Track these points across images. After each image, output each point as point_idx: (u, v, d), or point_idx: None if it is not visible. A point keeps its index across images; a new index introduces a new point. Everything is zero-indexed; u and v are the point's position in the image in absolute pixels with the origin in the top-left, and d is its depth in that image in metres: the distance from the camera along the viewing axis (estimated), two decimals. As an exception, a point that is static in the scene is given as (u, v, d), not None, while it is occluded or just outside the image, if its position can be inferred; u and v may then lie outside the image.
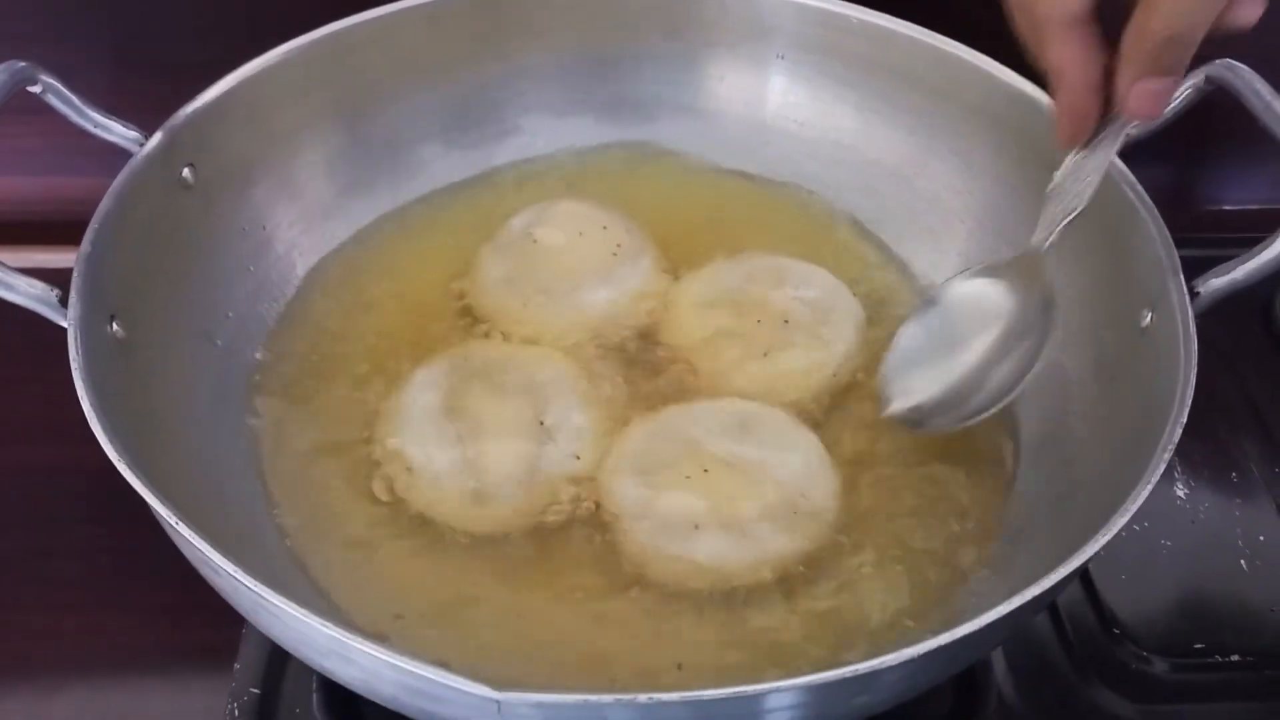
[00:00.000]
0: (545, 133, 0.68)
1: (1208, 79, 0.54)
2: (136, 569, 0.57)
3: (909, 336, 0.55)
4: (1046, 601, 0.42)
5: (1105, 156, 0.50)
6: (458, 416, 0.53)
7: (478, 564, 0.51)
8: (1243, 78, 0.53)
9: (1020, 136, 0.60)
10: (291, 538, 0.52)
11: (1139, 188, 0.54)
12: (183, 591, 0.44)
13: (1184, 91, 0.55)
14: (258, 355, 0.58)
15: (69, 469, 0.55)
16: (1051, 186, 0.52)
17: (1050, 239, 0.52)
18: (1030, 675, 0.55)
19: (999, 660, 0.55)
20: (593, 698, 0.35)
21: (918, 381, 0.54)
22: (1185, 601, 0.58)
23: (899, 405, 0.54)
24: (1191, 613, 0.58)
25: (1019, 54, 0.52)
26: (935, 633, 0.38)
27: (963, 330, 0.54)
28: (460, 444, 0.53)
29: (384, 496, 0.53)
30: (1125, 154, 0.56)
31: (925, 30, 0.63)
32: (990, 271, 0.55)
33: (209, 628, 0.52)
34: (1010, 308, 0.53)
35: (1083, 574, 0.58)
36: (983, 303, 0.54)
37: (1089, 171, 0.50)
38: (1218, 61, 0.54)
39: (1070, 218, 0.51)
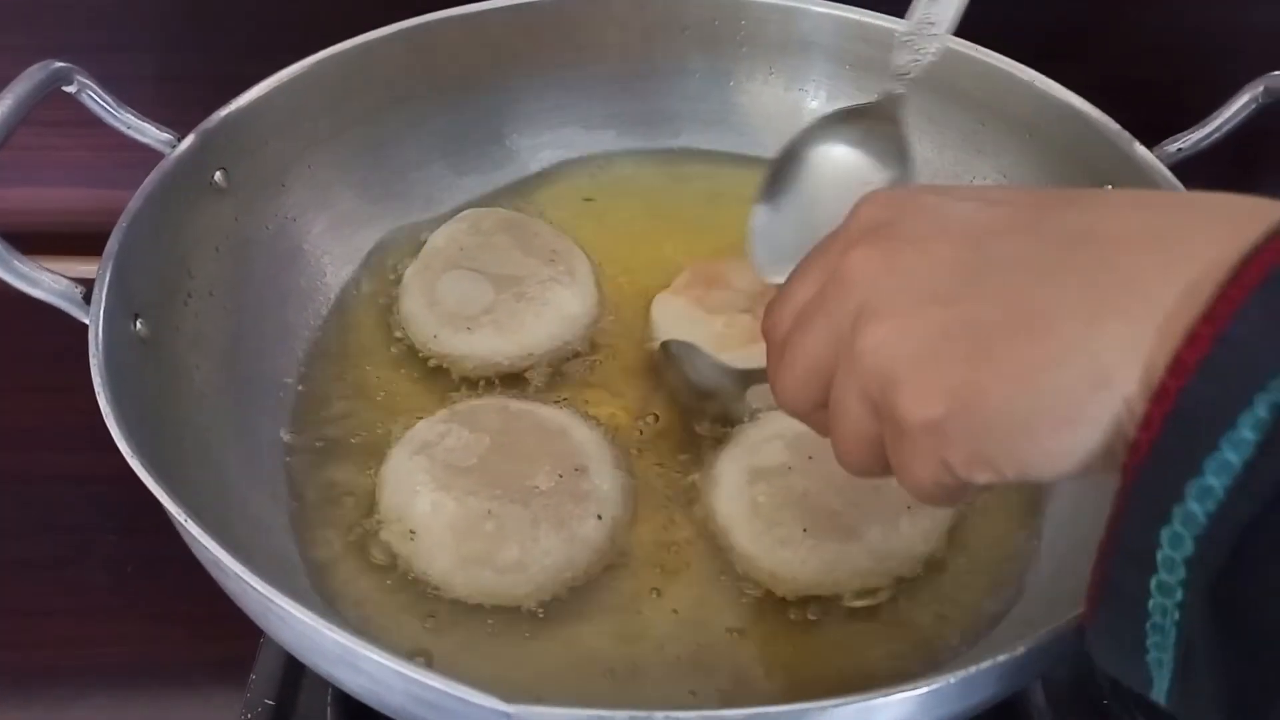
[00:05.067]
0: (580, 145, 0.67)
1: (1266, 90, 0.52)
2: (164, 578, 0.57)
3: (772, 210, 0.54)
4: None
5: None
6: (461, 475, 0.50)
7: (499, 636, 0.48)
8: (1303, 89, 0.51)
9: (1065, 151, 0.59)
10: (314, 567, 0.50)
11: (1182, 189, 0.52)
12: (210, 602, 0.43)
13: (1242, 103, 0.54)
14: (283, 364, 0.57)
15: (101, 478, 0.55)
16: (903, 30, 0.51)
17: (903, 80, 0.52)
18: (1070, 708, 0.53)
19: (1038, 693, 0.52)
20: (605, 713, 0.34)
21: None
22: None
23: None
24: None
25: (1065, 68, 0.51)
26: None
27: (827, 204, 0.50)
28: (466, 506, 0.49)
29: (383, 560, 0.50)
30: (1176, 172, 0.55)
31: (970, 44, 0.62)
32: (843, 129, 0.54)
33: (234, 639, 0.51)
34: (872, 174, 0.53)
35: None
36: (842, 170, 0.53)
37: None
38: (1276, 73, 0.52)
39: (928, 56, 0.51)
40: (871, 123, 0.53)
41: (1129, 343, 0.28)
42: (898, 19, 0.63)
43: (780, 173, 0.55)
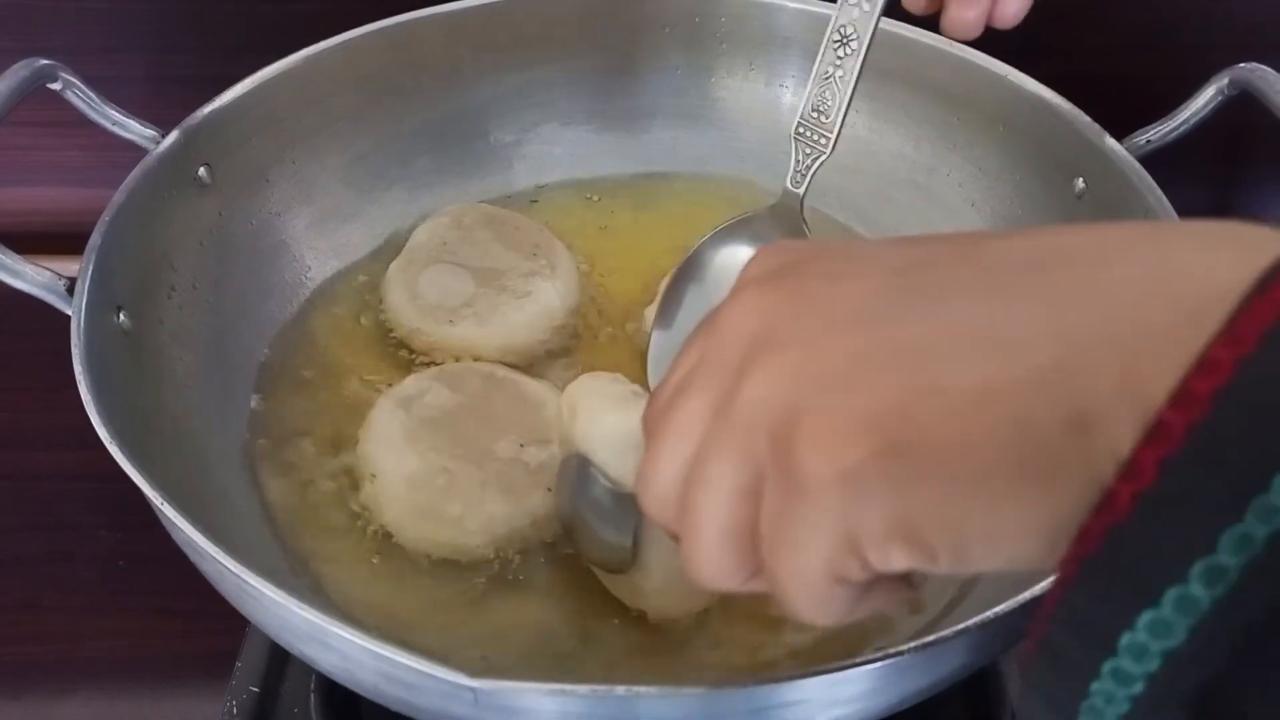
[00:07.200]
0: (562, 141, 0.68)
1: (1232, 81, 0.53)
2: (155, 575, 0.58)
3: (667, 332, 0.54)
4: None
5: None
6: (429, 431, 0.51)
7: (442, 588, 0.49)
8: (1267, 80, 0.52)
9: (1037, 144, 0.59)
10: (293, 551, 0.51)
11: (1158, 191, 0.53)
12: (200, 598, 0.44)
13: (1209, 95, 0.54)
14: (265, 358, 0.58)
15: (92, 476, 0.56)
16: (798, 121, 0.52)
17: (806, 182, 0.52)
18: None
19: (1014, 684, 0.53)
20: (568, 687, 0.34)
21: None
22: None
23: None
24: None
25: (1037, 62, 0.51)
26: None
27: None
28: (426, 461, 0.50)
29: (355, 508, 0.51)
30: (1152, 169, 0.55)
31: (944, 39, 0.62)
32: (744, 230, 0.53)
33: (223, 634, 0.52)
34: None
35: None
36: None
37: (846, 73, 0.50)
38: (1241, 65, 0.53)
39: (823, 157, 0.52)
40: (772, 222, 0.53)
41: (1116, 371, 0.21)
42: (874, 14, 0.64)
43: (674, 293, 0.54)
